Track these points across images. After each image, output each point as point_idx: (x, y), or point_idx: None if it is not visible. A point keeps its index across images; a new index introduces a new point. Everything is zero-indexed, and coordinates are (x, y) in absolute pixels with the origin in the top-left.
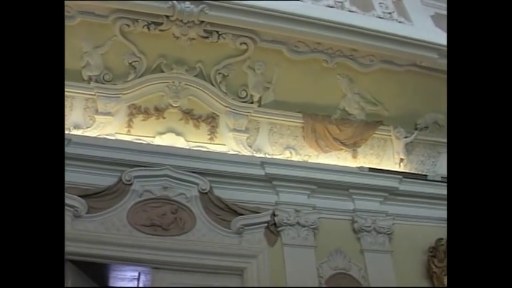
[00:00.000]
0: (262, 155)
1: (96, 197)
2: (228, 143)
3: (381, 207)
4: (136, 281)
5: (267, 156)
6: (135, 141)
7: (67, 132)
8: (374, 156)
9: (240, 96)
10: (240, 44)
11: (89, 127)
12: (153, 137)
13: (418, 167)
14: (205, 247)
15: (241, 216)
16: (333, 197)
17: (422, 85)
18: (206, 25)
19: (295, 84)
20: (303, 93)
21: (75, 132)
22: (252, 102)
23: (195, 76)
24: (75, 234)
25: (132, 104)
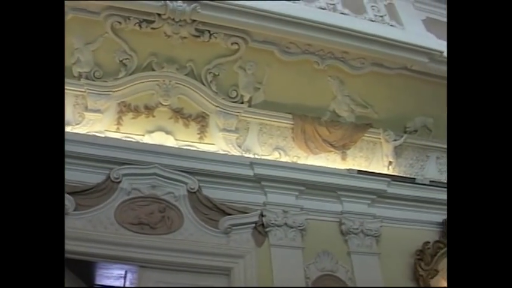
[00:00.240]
0: (251, 156)
1: (84, 195)
2: (218, 143)
3: (368, 210)
4: (122, 279)
5: (256, 156)
6: (125, 139)
7: None
8: (363, 159)
9: (231, 96)
10: (232, 43)
11: (78, 124)
12: (143, 135)
13: (406, 170)
14: (193, 246)
15: (229, 216)
16: (321, 198)
17: (413, 89)
18: (198, 24)
19: (285, 85)
20: (293, 95)
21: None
22: (242, 102)
23: (186, 75)
24: None
25: (122, 101)
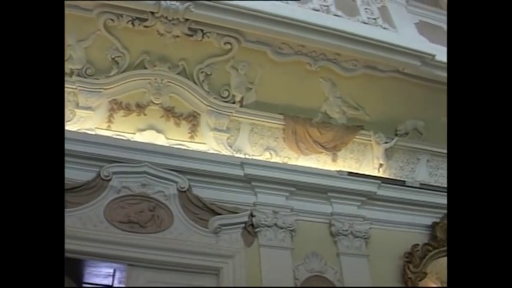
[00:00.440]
0: (242, 156)
1: (73, 192)
2: (209, 142)
3: (358, 212)
4: (111, 277)
5: (247, 156)
6: (115, 136)
7: None
8: (353, 161)
9: (222, 95)
10: (224, 43)
11: (69, 121)
12: (133, 134)
13: (397, 172)
14: (182, 246)
15: (219, 216)
16: (311, 199)
17: (404, 92)
18: (191, 23)
19: (277, 85)
20: (285, 95)
21: None
22: (233, 102)
23: (178, 74)
24: None
25: (114, 99)
